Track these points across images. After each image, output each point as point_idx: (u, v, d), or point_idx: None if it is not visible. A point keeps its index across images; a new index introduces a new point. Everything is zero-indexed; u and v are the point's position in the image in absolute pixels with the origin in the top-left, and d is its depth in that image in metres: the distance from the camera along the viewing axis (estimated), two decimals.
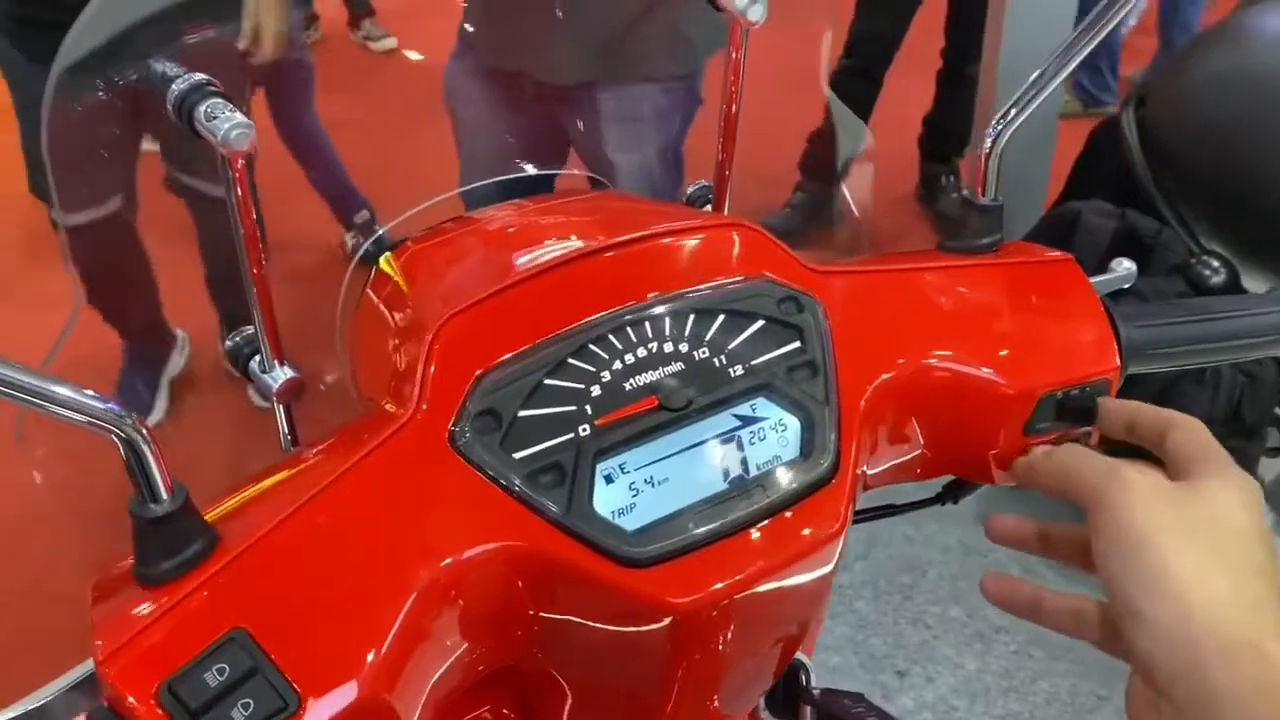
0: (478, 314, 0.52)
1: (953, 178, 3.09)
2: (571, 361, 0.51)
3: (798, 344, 0.54)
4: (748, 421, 0.52)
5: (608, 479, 0.49)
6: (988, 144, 0.61)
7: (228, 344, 0.59)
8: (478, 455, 0.48)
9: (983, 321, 0.59)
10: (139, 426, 0.43)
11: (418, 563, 0.46)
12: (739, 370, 0.52)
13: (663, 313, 0.53)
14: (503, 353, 0.51)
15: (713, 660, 0.51)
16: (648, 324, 0.53)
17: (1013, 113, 0.61)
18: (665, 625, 0.48)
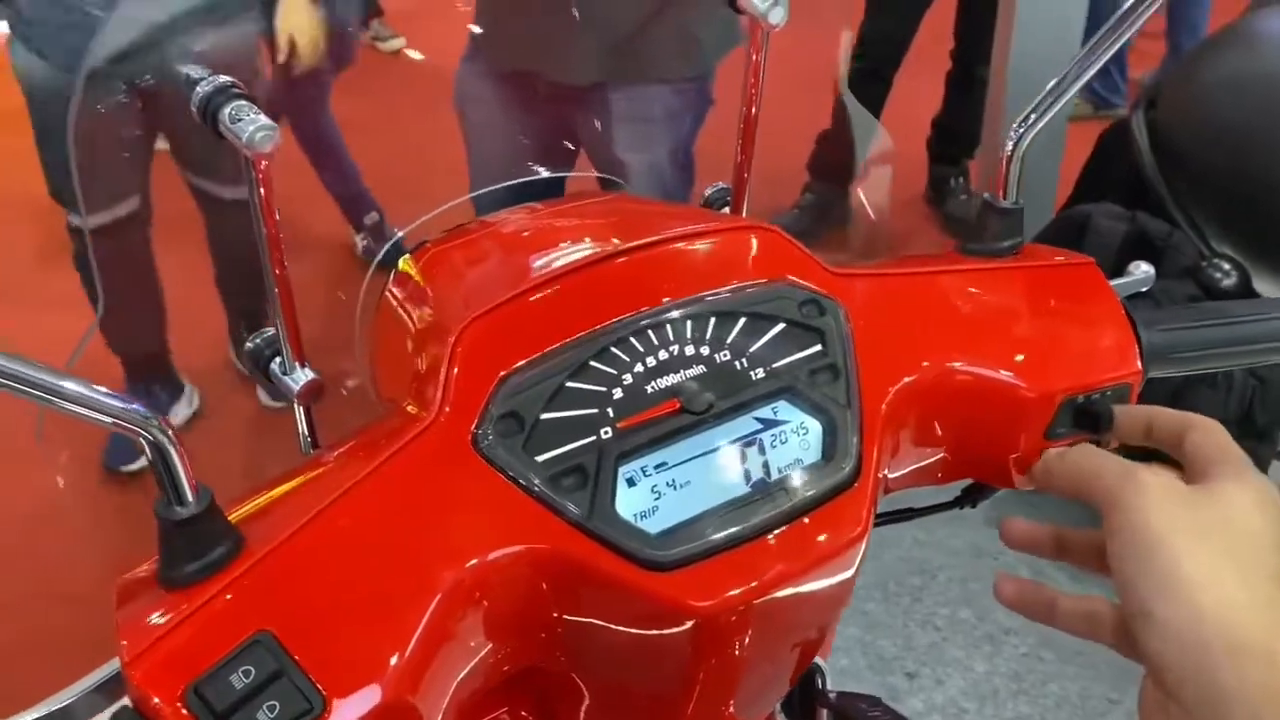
0: (500, 316, 0.52)
1: (962, 179, 3.08)
2: (593, 364, 0.51)
3: (819, 347, 0.54)
4: (769, 425, 0.52)
5: (630, 482, 0.49)
6: (1009, 147, 0.61)
7: (248, 345, 0.59)
8: (500, 458, 0.48)
9: (1004, 325, 0.59)
10: (165, 428, 0.43)
11: (442, 565, 0.46)
12: (760, 373, 0.52)
13: (684, 315, 0.53)
14: (525, 355, 0.51)
15: (733, 664, 0.51)
16: (669, 327, 0.52)
17: (1034, 116, 0.61)
18: (687, 629, 0.48)
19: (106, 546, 2.09)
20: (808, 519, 0.50)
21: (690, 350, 0.52)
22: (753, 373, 0.52)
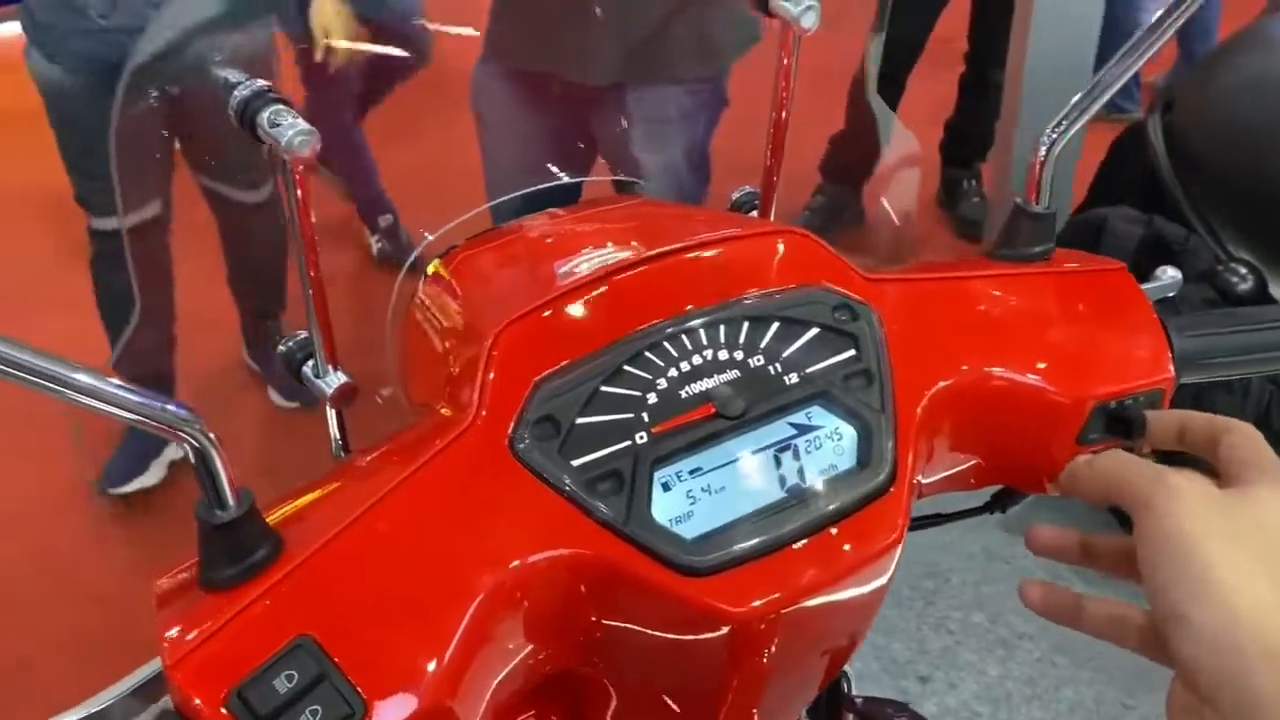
0: (535, 321, 0.52)
1: (974, 182, 3.07)
2: (627, 369, 0.51)
3: (853, 352, 0.54)
4: (803, 430, 0.52)
5: (665, 487, 0.49)
6: (1041, 153, 0.61)
7: (281, 349, 0.59)
8: (537, 462, 0.48)
9: (1037, 330, 0.59)
10: (207, 431, 0.43)
11: (480, 569, 0.46)
12: (794, 378, 0.52)
13: (717, 320, 0.53)
14: (560, 359, 0.51)
15: (765, 671, 0.51)
16: (702, 331, 0.52)
17: (1065, 123, 0.61)
18: (722, 635, 0.48)
19: (124, 546, 2.10)
20: (843, 525, 0.50)
21: (724, 355, 0.52)
22: (786, 378, 0.52)
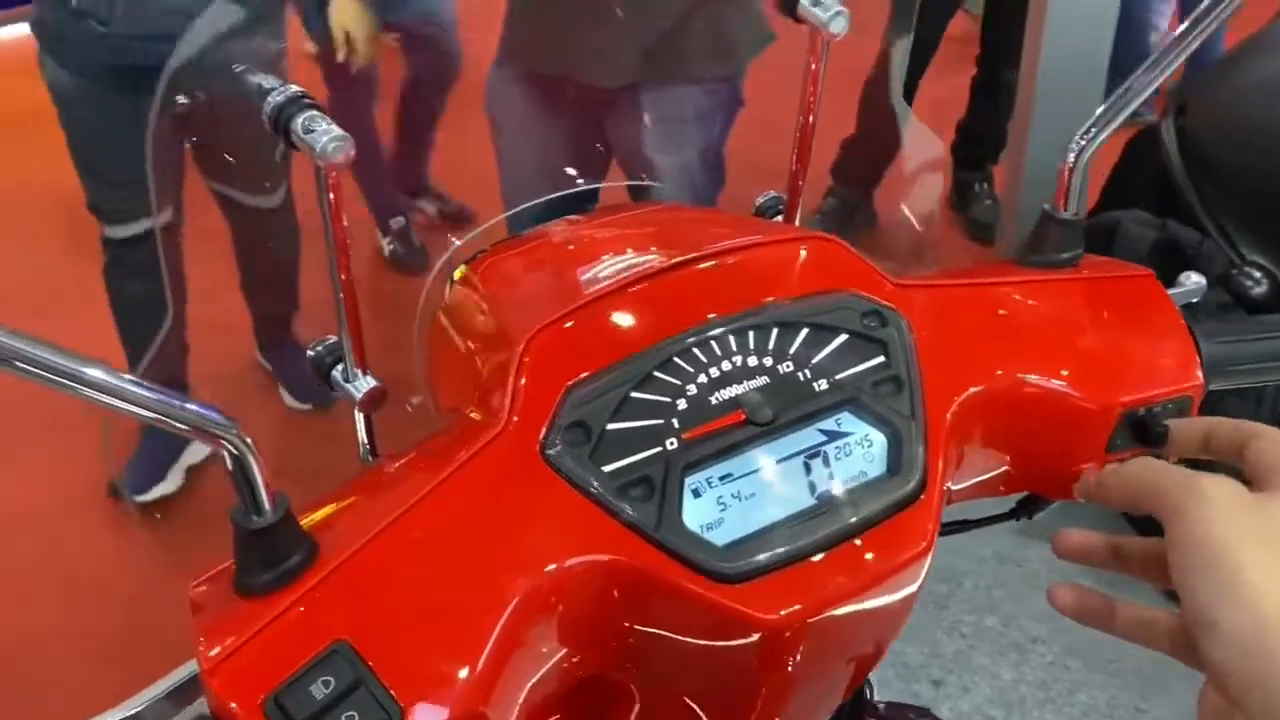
0: (566, 327, 0.52)
1: (986, 185, 3.07)
2: (658, 375, 0.51)
3: (882, 358, 0.54)
4: (833, 437, 0.51)
5: (695, 493, 0.49)
6: (1071, 158, 0.61)
7: (310, 353, 0.60)
8: (568, 468, 0.48)
9: (1066, 337, 0.59)
10: (244, 437, 0.43)
11: (513, 574, 0.46)
12: (823, 385, 0.52)
13: (746, 326, 0.53)
14: (590, 365, 0.51)
15: (793, 677, 0.51)
16: (732, 337, 0.53)
17: (1094, 130, 0.60)
18: (752, 641, 0.48)
19: (134, 546, 2.11)
20: (874, 533, 0.50)
21: (753, 361, 0.52)
22: (816, 384, 0.52)
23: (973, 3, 3.35)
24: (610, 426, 0.49)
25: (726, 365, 0.52)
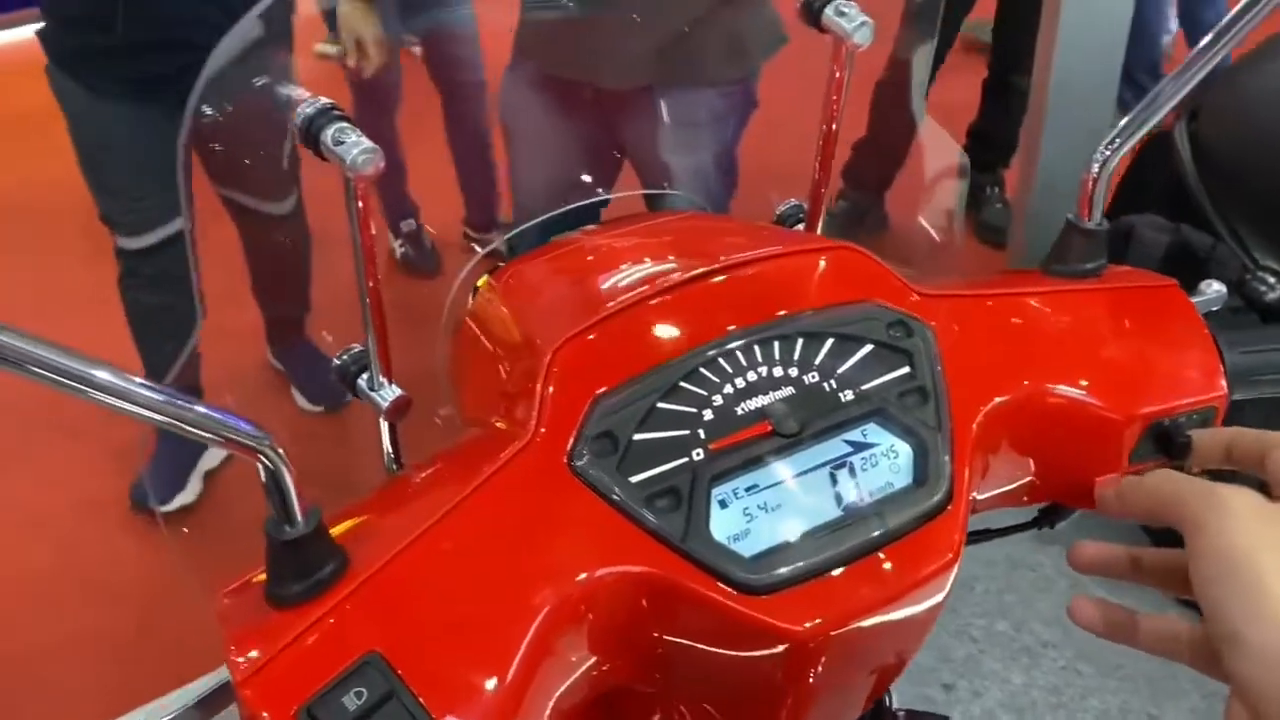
0: (592, 337, 0.52)
1: (997, 188, 3.06)
2: (684, 385, 0.51)
3: (908, 369, 0.54)
4: (859, 448, 0.51)
5: (722, 504, 0.49)
6: (1095, 168, 0.61)
7: (336, 362, 0.60)
8: (596, 478, 0.48)
9: (1091, 347, 0.59)
10: (277, 449, 0.43)
11: (542, 584, 0.46)
12: (849, 395, 0.52)
13: (772, 336, 0.53)
14: (617, 375, 0.51)
15: (817, 688, 0.51)
16: (757, 348, 0.53)
17: (1118, 140, 0.60)
18: (778, 652, 0.48)
19: (148, 549, 2.11)
20: (901, 544, 0.50)
21: (779, 371, 0.52)
22: (842, 395, 0.52)
23: (974, 28, 3.35)
24: (637, 437, 0.49)
25: (752, 376, 0.52)
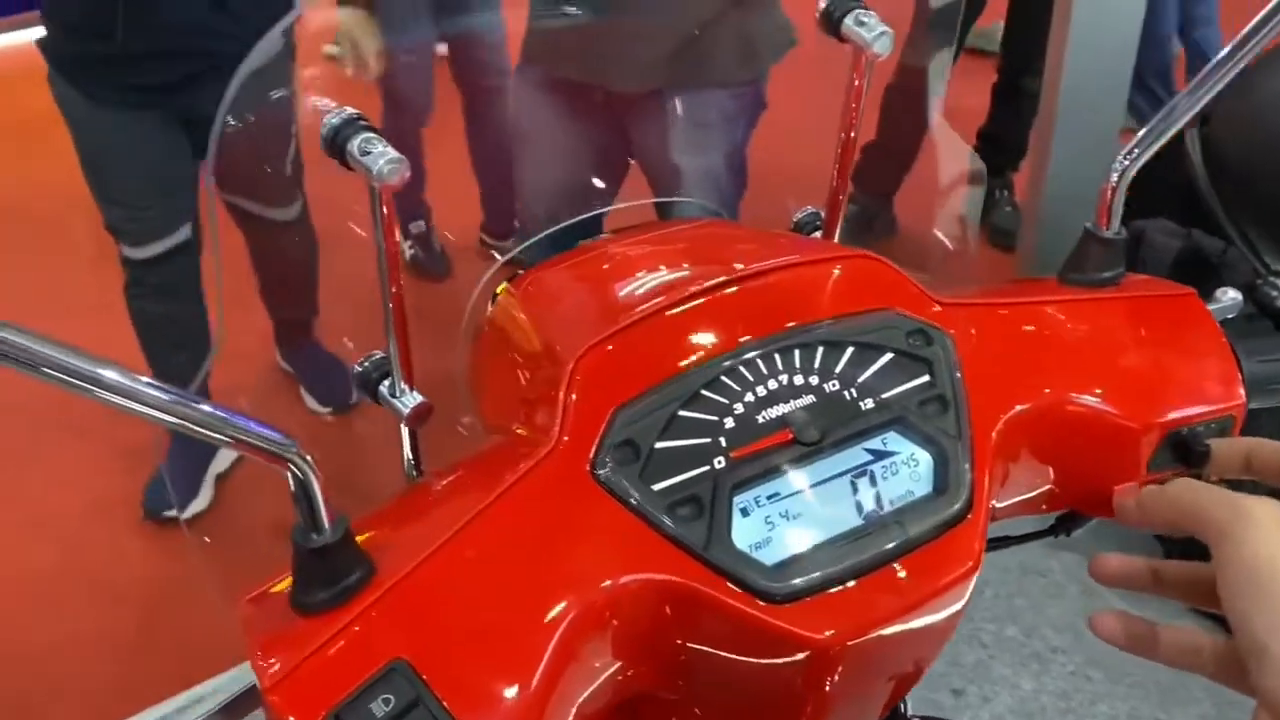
0: (614, 346, 0.53)
1: (1007, 192, 3.06)
2: (705, 393, 0.51)
3: (927, 377, 0.54)
4: (880, 456, 0.52)
5: (744, 512, 0.49)
6: (1114, 178, 0.61)
7: (358, 368, 0.60)
8: (618, 486, 0.49)
9: (1109, 356, 0.59)
10: (305, 456, 0.43)
11: (567, 592, 0.46)
12: (869, 404, 0.52)
13: (792, 345, 0.53)
14: (638, 384, 0.51)
15: (835, 696, 0.51)
16: (778, 356, 0.53)
17: (1137, 150, 0.61)
18: (798, 660, 0.48)
19: (151, 548, 2.12)
20: (922, 553, 0.50)
21: (799, 380, 0.52)
22: (862, 403, 0.52)
23: (978, 38, 3.35)
24: (659, 445, 0.50)
25: (773, 384, 0.52)
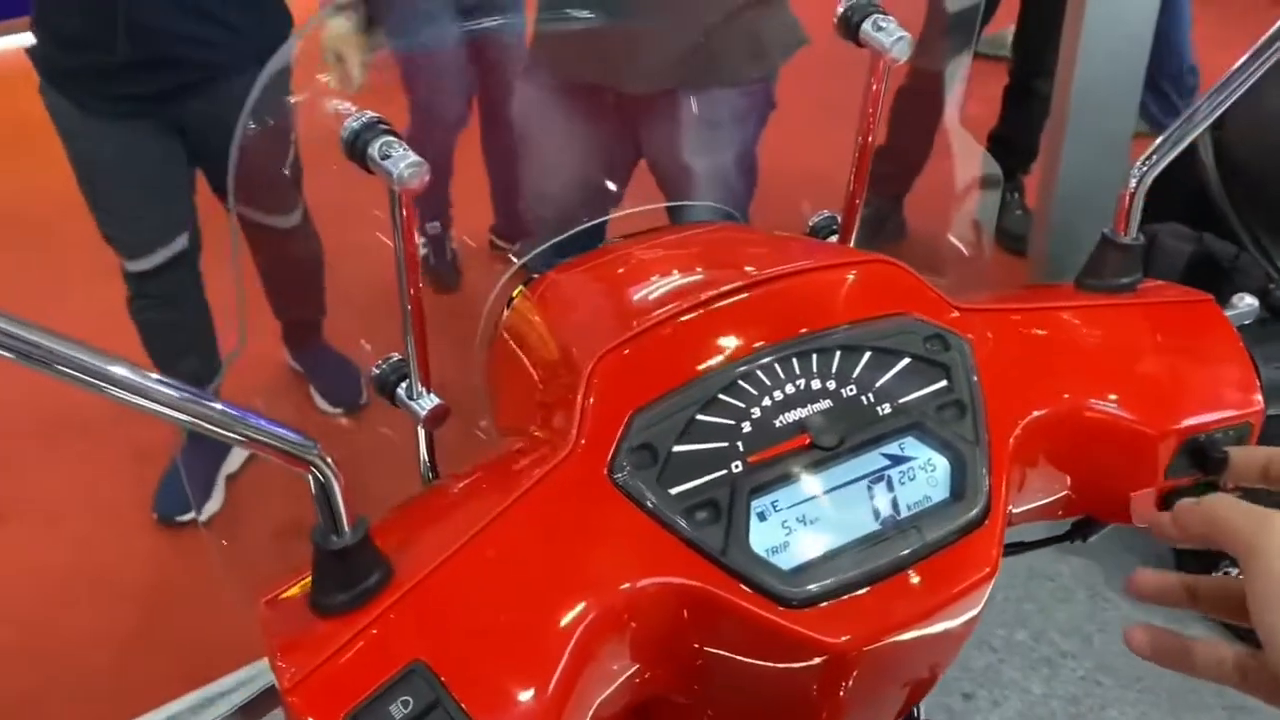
0: (631, 350, 0.53)
1: (1017, 194, 3.06)
2: (722, 397, 0.51)
3: (945, 383, 0.54)
4: (897, 461, 0.52)
5: (761, 516, 0.49)
6: (1132, 184, 0.61)
7: (375, 371, 0.60)
8: (636, 490, 0.49)
9: (1127, 362, 0.59)
10: (326, 458, 0.44)
11: (584, 595, 0.46)
12: (887, 409, 0.52)
13: (809, 350, 0.53)
14: (656, 387, 0.51)
15: (850, 701, 0.51)
16: (795, 361, 0.53)
17: (1156, 157, 0.61)
18: (814, 665, 0.48)
19: (160, 547, 2.13)
20: (939, 558, 0.50)
21: (816, 384, 0.52)
22: (879, 408, 0.52)
23: (985, 43, 3.35)
24: (677, 449, 0.50)
25: (790, 389, 0.52)
